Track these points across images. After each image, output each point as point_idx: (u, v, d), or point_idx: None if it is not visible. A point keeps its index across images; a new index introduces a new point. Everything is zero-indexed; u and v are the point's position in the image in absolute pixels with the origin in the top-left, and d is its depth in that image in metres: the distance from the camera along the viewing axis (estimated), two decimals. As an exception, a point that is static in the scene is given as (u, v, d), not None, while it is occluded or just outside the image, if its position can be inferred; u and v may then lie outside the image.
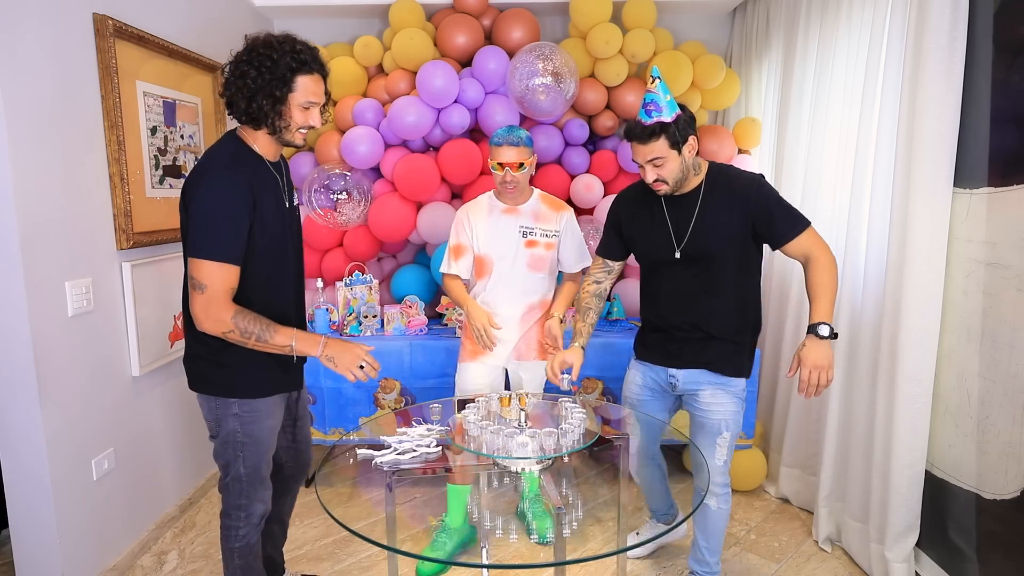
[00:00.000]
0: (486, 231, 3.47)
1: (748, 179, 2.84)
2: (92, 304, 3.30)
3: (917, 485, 3.17)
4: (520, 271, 3.45)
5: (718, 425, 2.92)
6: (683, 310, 2.93)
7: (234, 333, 2.39)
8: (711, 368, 2.91)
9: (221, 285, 2.37)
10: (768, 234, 2.78)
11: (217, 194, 2.36)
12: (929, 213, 2.96)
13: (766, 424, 4.62)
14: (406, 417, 3.22)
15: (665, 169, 2.73)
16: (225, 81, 2.44)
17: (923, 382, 3.08)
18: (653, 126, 2.67)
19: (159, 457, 3.91)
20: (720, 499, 3.01)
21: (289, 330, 2.49)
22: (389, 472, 2.51)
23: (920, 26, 2.94)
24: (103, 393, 3.42)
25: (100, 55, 3.34)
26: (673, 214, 2.90)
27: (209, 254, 2.34)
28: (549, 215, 3.49)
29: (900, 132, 3.10)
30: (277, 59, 2.37)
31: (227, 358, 2.55)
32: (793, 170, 4.25)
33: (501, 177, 3.34)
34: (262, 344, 2.43)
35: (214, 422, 2.67)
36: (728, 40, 5.53)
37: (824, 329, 2.62)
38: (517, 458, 2.40)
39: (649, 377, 3.09)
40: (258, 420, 2.65)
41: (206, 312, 2.37)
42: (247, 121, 2.46)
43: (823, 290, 2.68)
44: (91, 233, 3.32)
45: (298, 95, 2.43)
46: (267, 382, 2.66)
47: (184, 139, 4.08)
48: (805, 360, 2.62)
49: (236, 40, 4.83)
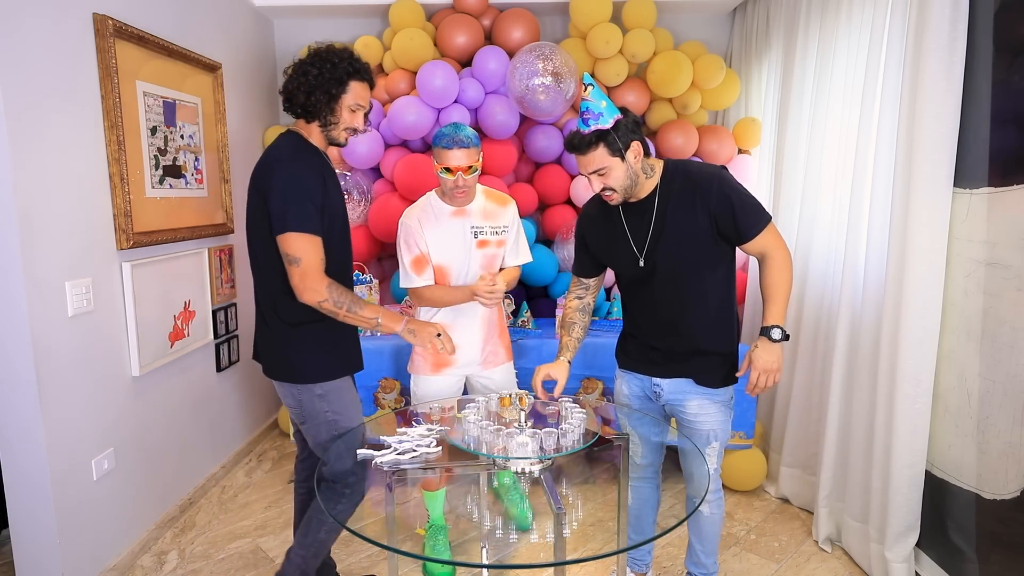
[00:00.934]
0: (436, 238, 3.25)
1: (708, 173, 2.67)
2: (92, 304, 3.30)
3: (917, 485, 3.17)
4: (473, 272, 3.29)
5: (707, 436, 2.86)
6: (660, 324, 2.82)
7: (328, 303, 2.59)
8: (696, 380, 2.82)
9: (314, 255, 2.57)
10: (732, 231, 2.63)
11: (294, 175, 2.58)
12: (929, 213, 2.96)
13: (766, 424, 4.62)
14: (406, 417, 3.22)
15: (610, 178, 2.60)
16: (288, 79, 2.69)
17: (923, 382, 3.08)
18: (590, 135, 2.54)
19: (159, 457, 3.91)
20: (713, 504, 2.99)
21: (375, 305, 2.73)
22: (389, 472, 2.51)
23: (920, 26, 2.94)
24: (103, 393, 3.42)
25: (100, 55, 3.34)
26: (631, 223, 2.77)
27: (298, 226, 2.54)
28: (496, 211, 3.32)
29: (900, 132, 3.09)
30: (337, 63, 2.64)
31: (299, 343, 2.74)
32: (793, 170, 4.25)
33: (452, 182, 3.10)
34: (352, 316, 2.65)
35: (297, 407, 2.81)
36: (728, 40, 5.54)
37: (776, 333, 2.60)
38: (517, 458, 2.40)
39: (635, 386, 3.00)
40: (340, 395, 2.83)
41: (303, 283, 2.56)
42: (303, 114, 2.70)
43: (778, 291, 2.62)
44: (91, 233, 3.32)
45: (349, 97, 2.69)
46: (337, 364, 2.83)
47: (184, 139, 4.08)
48: (756, 363, 2.63)
49: (236, 40, 4.86)
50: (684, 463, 2.91)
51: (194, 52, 4.19)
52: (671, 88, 4.88)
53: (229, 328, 4.71)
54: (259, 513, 4.17)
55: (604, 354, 4.12)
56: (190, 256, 4.16)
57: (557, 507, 2.26)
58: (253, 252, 2.77)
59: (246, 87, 5.09)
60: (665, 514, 3.82)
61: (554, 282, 4.96)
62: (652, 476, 3.10)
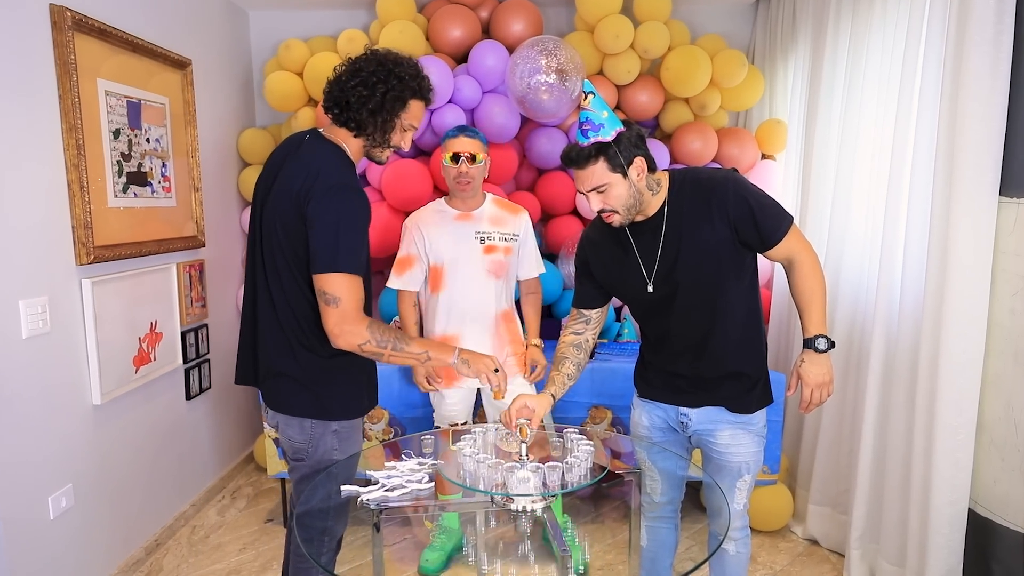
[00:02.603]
0: (439, 239, 3.51)
1: (720, 178, 2.64)
2: (49, 325, 3.32)
3: (959, 525, 3.17)
4: (480, 279, 3.50)
5: (738, 468, 2.84)
6: (684, 350, 2.78)
7: (370, 344, 2.53)
8: (729, 407, 2.80)
9: (355, 298, 2.52)
10: (754, 237, 2.61)
11: (353, 209, 2.53)
12: (972, 224, 2.97)
13: (792, 457, 4.63)
14: (395, 450, 3.22)
15: (611, 196, 2.57)
16: (343, 86, 2.62)
17: (966, 411, 3.08)
18: (589, 148, 2.52)
19: (123, 494, 3.92)
20: (739, 543, 2.98)
21: (421, 339, 2.74)
22: (376, 511, 2.52)
23: (962, 18, 2.95)
24: (61, 423, 3.43)
25: (57, 50, 3.38)
26: (640, 244, 2.73)
27: (345, 267, 2.49)
28: (506, 218, 3.56)
29: (940, 135, 3.11)
30: (406, 80, 2.61)
31: (322, 379, 2.71)
32: (822, 177, 4.26)
33: (456, 170, 3.40)
34: (397, 354, 2.59)
35: (307, 443, 2.77)
36: (751, 33, 5.58)
37: (822, 342, 2.61)
38: (517, 495, 2.41)
39: (657, 416, 2.96)
40: (352, 435, 2.83)
41: (340, 327, 2.50)
42: (353, 127, 2.64)
43: (814, 296, 2.62)
44: (47, 247, 3.35)
45: (407, 117, 2.67)
46: (362, 400, 2.84)
47: (150, 143, 4.12)
48: (807, 378, 2.63)
49: (208, 34, 4.90)
50: (708, 497, 2.91)
51: (161, 47, 4.22)
52: (688, 87, 4.91)
53: (200, 352, 4.72)
54: (233, 556, 4.17)
55: (613, 380, 4.12)
56: (157, 272, 4.18)
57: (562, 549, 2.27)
58: (273, 265, 2.65)
59: (219, 86, 5.13)
60: (682, 556, 3.81)
61: (559, 300, 4.96)
62: (671, 515, 3.09)
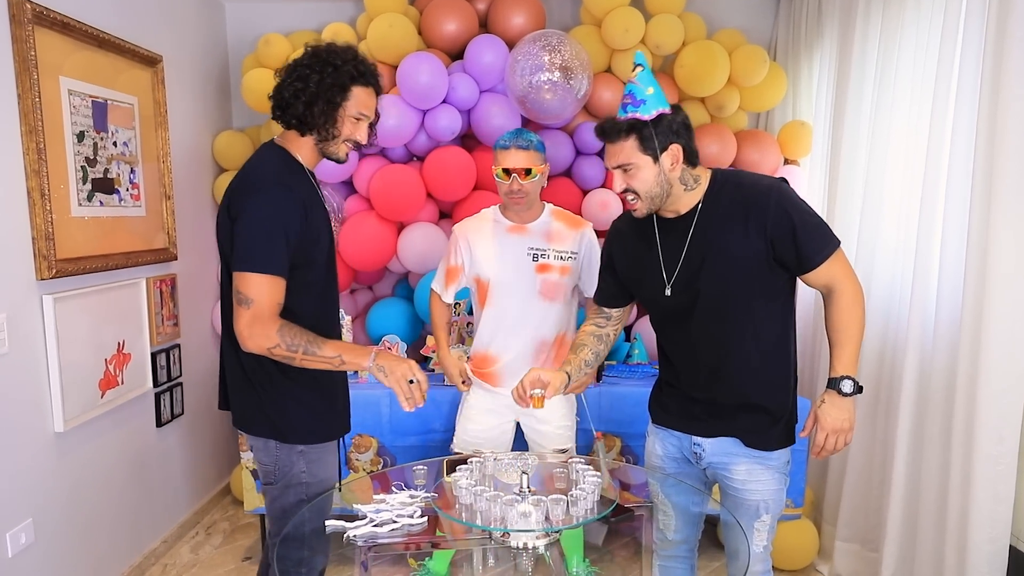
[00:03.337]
0: (488, 253, 3.47)
1: (765, 186, 2.60)
2: (6, 346, 3.30)
3: (1000, 563, 3.14)
4: (531, 301, 3.42)
5: (756, 507, 2.78)
6: (700, 370, 2.75)
7: (280, 348, 2.58)
8: (744, 440, 2.74)
9: (269, 299, 2.58)
10: (792, 257, 2.55)
11: (271, 207, 2.60)
12: (1014, 234, 2.96)
13: (818, 490, 4.60)
14: (384, 481, 3.20)
15: (636, 179, 2.56)
16: (280, 84, 2.72)
17: (1007, 440, 3.06)
18: (624, 123, 2.52)
19: (88, 529, 3.88)
20: None
21: (336, 342, 2.72)
22: (364, 548, 2.50)
23: (1003, 12, 2.94)
24: (19, 452, 3.40)
25: (16, 45, 3.36)
26: (666, 242, 2.72)
27: (261, 267, 2.57)
28: (565, 233, 3.47)
29: (979, 137, 3.10)
30: (340, 65, 2.69)
31: (279, 400, 2.77)
32: (850, 184, 4.25)
33: (507, 186, 3.34)
34: (309, 358, 2.62)
35: (272, 465, 2.82)
36: (772, 28, 5.58)
37: (848, 385, 2.53)
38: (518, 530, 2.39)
39: (671, 445, 2.92)
40: (323, 457, 2.87)
41: (251, 328, 2.57)
42: (297, 126, 2.73)
43: (849, 333, 2.56)
44: (5, 261, 3.33)
45: (351, 105, 2.74)
46: (329, 423, 2.90)
47: (118, 147, 4.10)
48: (823, 421, 2.55)
49: (181, 28, 4.89)
50: (726, 536, 2.88)
51: (130, 42, 4.21)
52: (704, 85, 4.92)
53: (172, 374, 4.70)
54: (206, 598, 4.15)
55: (623, 406, 4.10)
56: (125, 287, 4.16)
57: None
58: (227, 278, 2.74)
59: (193, 84, 5.13)
60: (698, 600, 3.80)
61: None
62: (687, 555, 3.05)
